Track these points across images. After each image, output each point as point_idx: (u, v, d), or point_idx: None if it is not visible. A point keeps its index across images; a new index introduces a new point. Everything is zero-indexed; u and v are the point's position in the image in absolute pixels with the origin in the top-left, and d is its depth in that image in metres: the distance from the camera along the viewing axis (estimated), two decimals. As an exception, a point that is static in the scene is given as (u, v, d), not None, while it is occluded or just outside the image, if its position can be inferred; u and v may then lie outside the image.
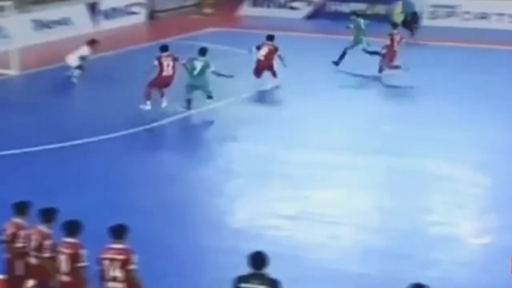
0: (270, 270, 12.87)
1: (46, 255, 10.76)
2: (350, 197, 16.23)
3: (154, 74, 21.13)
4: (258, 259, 9.95)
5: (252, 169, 17.59)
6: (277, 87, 23.35)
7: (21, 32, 27.26)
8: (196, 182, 16.88)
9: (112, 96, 22.93)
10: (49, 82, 23.48)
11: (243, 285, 9.87)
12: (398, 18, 31.01)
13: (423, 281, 12.56)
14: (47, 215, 10.97)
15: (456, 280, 12.76)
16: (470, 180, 16.79)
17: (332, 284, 12.75)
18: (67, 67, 23.42)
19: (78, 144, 18.87)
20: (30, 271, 11.04)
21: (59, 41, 24.16)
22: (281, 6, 35.55)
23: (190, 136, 19.79)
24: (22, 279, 11.12)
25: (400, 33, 25.13)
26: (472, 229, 14.62)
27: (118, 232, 10.54)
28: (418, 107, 22.19)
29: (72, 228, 10.64)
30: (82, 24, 31.47)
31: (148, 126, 20.25)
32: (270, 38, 23.85)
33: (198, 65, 21.20)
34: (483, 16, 32.57)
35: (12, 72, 25.15)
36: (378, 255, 13.77)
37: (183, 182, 16.83)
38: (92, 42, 23.82)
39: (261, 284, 9.78)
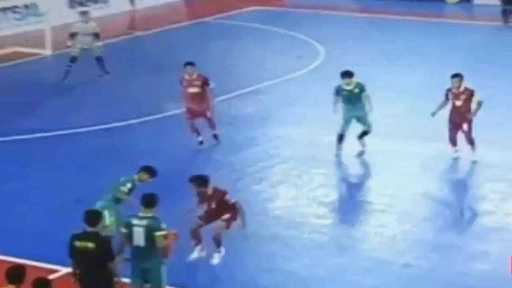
0: (314, 259, 13.19)
1: None
2: (398, 185, 16.31)
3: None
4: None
5: (295, 154, 17.73)
6: None
7: (56, 10, 27.58)
8: (238, 167, 17.06)
9: (148, 78, 23.18)
10: (83, 62, 23.73)
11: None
12: None
13: (471, 273, 12.75)
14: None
15: (506, 274, 12.79)
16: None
17: (377, 275, 12.88)
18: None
19: (115, 127, 19.25)
20: None
21: (95, 19, 24.42)
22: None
23: (232, 119, 19.93)
24: None
25: None
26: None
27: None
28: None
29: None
30: (119, 2, 31.77)
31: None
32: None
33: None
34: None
35: (46, 51, 25.53)
36: (425, 245, 13.86)
37: (224, 167, 17.03)
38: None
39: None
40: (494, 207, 15.14)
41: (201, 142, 17.82)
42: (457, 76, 17.22)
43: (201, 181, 12.88)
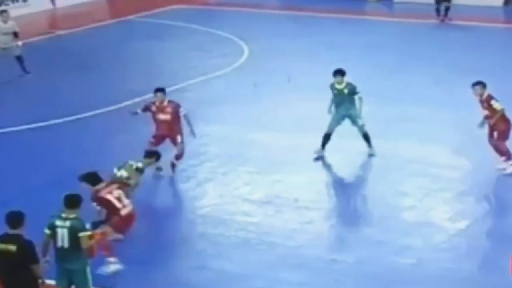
0: (242, 256, 13.16)
1: None
2: (322, 181, 16.38)
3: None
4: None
5: (220, 152, 17.68)
6: None
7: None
8: (163, 166, 16.89)
9: (71, 77, 22.89)
10: (3, 61, 23.31)
11: None
12: None
13: (397, 267, 12.89)
14: None
15: (431, 267, 12.95)
16: (447, 163, 16.98)
17: (305, 271, 12.91)
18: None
19: (37, 127, 18.95)
20: None
21: (14, 18, 24.04)
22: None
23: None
24: None
25: None
26: (449, 214, 14.81)
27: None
28: (390, 84, 22.17)
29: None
30: (39, 1, 31.29)
31: (110, 108, 20.24)
32: None
33: None
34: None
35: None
36: (351, 241, 13.95)
37: (150, 168, 16.85)
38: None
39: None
40: (417, 202, 15.31)
41: (159, 169, 16.31)
42: (477, 84, 16.22)
43: (90, 178, 12.74)
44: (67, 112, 19.75)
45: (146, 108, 16.68)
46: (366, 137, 17.35)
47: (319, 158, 17.22)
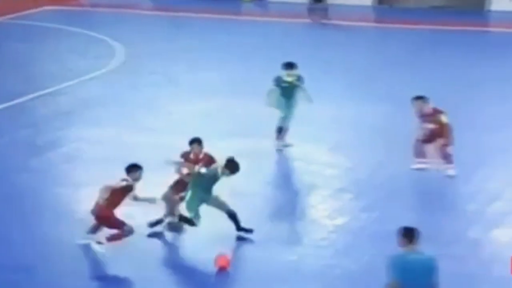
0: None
1: None
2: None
3: None
4: None
5: (99, 155, 17.44)
6: None
7: None
8: (39, 171, 16.58)
9: None
10: None
11: None
12: None
13: (278, 265, 13.01)
14: None
15: (312, 263, 13.11)
16: (326, 160, 17.25)
17: (246, 270, 12.90)
18: None
19: None
20: None
21: None
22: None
23: (33, 122, 19.41)
24: None
25: None
26: (328, 211, 15.05)
27: None
28: (264, 83, 22.20)
29: None
30: None
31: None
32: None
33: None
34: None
35: None
36: (234, 241, 13.92)
37: (25, 171, 16.52)
38: None
39: None
40: (297, 199, 15.48)
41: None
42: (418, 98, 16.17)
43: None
44: None
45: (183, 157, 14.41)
46: (280, 131, 17.50)
47: (285, 147, 17.52)
